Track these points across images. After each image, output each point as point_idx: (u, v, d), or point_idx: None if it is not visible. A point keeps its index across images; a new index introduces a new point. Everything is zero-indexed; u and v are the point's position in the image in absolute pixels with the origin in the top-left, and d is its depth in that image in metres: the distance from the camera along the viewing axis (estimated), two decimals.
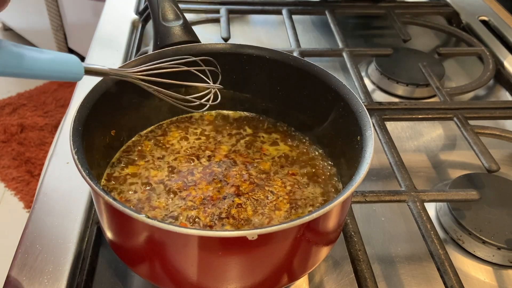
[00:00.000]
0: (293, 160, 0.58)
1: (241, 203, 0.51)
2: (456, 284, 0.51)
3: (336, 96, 0.54)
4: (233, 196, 0.51)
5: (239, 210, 0.50)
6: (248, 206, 0.51)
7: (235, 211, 0.50)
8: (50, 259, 0.52)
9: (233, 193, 0.52)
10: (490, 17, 1.06)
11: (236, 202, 0.51)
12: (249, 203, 0.51)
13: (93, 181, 0.41)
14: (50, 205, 0.58)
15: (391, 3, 1.09)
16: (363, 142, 0.48)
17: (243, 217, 0.50)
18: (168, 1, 0.62)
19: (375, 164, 0.72)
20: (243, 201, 0.51)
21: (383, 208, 0.65)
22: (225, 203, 0.50)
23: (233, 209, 0.50)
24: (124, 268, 0.54)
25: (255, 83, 0.60)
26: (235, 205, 0.50)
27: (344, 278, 0.56)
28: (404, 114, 0.76)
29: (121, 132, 0.57)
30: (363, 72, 0.93)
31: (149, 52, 0.58)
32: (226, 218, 0.49)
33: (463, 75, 0.95)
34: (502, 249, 0.58)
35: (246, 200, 0.51)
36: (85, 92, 0.49)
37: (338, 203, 0.41)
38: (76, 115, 0.47)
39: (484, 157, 0.67)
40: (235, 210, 0.50)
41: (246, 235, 0.38)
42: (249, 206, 0.51)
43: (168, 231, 0.38)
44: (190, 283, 0.44)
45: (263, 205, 0.51)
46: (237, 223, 0.49)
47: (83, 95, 0.49)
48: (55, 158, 0.64)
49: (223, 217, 0.49)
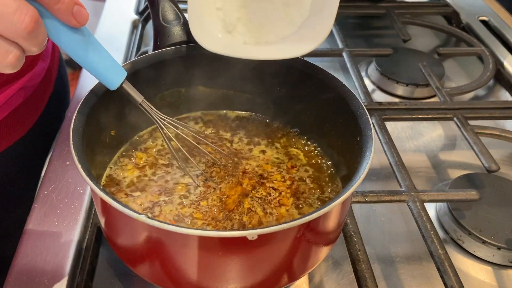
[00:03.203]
0: (293, 160, 0.58)
1: (250, 207, 0.51)
2: (456, 284, 0.51)
3: (336, 96, 0.54)
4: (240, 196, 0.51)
5: (250, 215, 0.50)
6: (257, 207, 0.51)
7: (246, 218, 0.50)
8: (50, 259, 0.52)
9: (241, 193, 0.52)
10: (490, 17, 1.06)
11: (246, 206, 0.51)
12: (256, 204, 0.51)
13: (93, 181, 0.41)
14: (50, 205, 0.58)
15: (391, 3, 1.09)
16: (363, 142, 0.48)
17: (255, 221, 0.50)
18: (168, 1, 0.62)
19: (375, 164, 0.72)
20: (251, 204, 0.51)
21: (383, 208, 0.65)
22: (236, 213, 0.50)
23: (244, 217, 0.50)
24: (124, 268, 0.54)
25: (255, 83, 0.60)
26: (246, 212, 0.50)
27: (344, 278, 0.56)
28: (404, 114, 0.76)
29: (121, 133, 0.57)
30: (363, 72, 0.93)
31: (149, 52, 0.58)
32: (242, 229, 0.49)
33: (463, 75, 0.95)
34: (502, 249, 0.58)
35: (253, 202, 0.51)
36: (85, 92, 0.49)
37: (338, 203, 0.41)
38: (76, 115, 0.47)
39: (484, 157, 0.67)
40: (247, 217, 0.50)
41: (246, 235, 0.37)
42: (257, 207, 0.51)
43: (168, 231, 0.38)
44: (190, 283, 0.44)
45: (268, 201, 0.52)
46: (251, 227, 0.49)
47: (83, 95, 0.49)
48: (55, 158, 0.64)
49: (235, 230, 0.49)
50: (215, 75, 0.60)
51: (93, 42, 0.43)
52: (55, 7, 0.36)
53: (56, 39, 0.40)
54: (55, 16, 0.37)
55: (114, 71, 0.46)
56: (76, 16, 0.38)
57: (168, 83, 0.59)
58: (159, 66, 0.56)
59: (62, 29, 0.39)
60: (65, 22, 0.38)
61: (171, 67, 0.57)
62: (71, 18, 0.37)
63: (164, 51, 0.57)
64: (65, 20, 0.38)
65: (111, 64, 0.45)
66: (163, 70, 0.57)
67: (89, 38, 0.42)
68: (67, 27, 0.39)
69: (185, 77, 0.59)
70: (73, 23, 0.38)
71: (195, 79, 0.60)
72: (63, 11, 0.37)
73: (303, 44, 0.53)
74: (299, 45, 0.53)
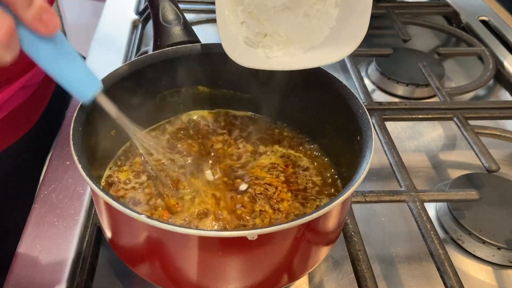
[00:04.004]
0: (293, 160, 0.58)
1: (260, 208, 0.51)
2: (456, 284, 0.51)
3: (336, 96, 0.54)
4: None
5: (262, 217, 0.50)
6: (265, 206, 0.51)
7: (259, 220, 0.50)
8: (50, 259, 0.52)
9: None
10: (490, 17, 1.06)
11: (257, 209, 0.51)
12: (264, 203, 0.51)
13: (93, 181, 0.41)
14: (50, 205, 0.58)
15: (391, 3, 1.09)
16: (363, 142, 0.48)
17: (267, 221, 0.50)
18: (168, 1, 0.62)
19: (375, 164, 0.72)
20: (260, 205, 0.51)
21: (383, 208, 0.65)
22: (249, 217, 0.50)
23: (258, 219, 0.50)
24: (124, 268, 0.54)
25: (255, 83, 0.60)
26: (259, 214, 0.50)
27: (344, 278, 0.56)
28: (404, 114, 0.76)
29: (121, 133, 0.57)
30: (363, 72, 0.93)
31: (149, 52, 0.58)
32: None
33: (463, 75, 0.95)
34: (502, 249, 0.58)
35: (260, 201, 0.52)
36: None
37: (338, 203, 0.41)
38: (76, 115, 0.47)
39: (484, 157, 0.67)
40: (259, 219, 0.50)
41: (246, 235, 0.37)
42: (266, 206, 0.51)
43: (168, 231, 0.38)
44: (190, 283, 0.44)
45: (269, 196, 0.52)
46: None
47: None
48: (55, 158, 0.64)
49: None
50: (215, 75, 0.60)
51: (67, 53, 0.40)
52: (24, 15, 0.34)
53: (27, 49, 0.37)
54: (24, 23, 0.35)
55: (88, 83, 0.42)
56: (45, 24, 0.36)
57: (168, 83, 0.59)
58: (159, 66, 0.56)
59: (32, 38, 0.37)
60: (34, 30, 0.36)
61: (171, 67, 0.57)
62: (39, 25, 0.36)
63: (164, 51, 0.57)
64: (34, 28, 0.36)
65: (85, 75, 0.42)
66: (163, 70, 0.57)
67: (63, 48, 0.39)
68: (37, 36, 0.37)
69: (185, 77, 0.59)
70: (41, 30, 0.36)
71: (195, 79, 0.60)
72: (31, 18, 0.35)
73: (332, 52, 0.52)
74: (328, 54, 0.52)
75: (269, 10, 0.53)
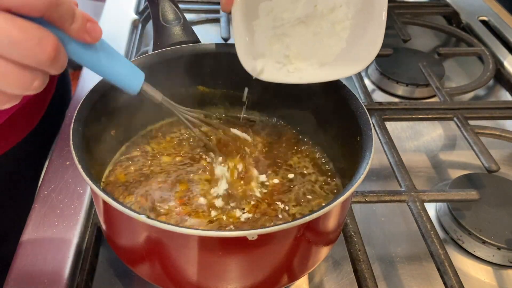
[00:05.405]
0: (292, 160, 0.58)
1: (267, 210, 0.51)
2: (456, 284, 0.51)
3: (336, 96, 0.54)
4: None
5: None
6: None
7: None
8: (50, 259, 0.52)
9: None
10: (490, 17, 1.06)
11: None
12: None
13: (93, 181, 0.41)
14: (50, 205, 0.58)
15: (391, 3, 1.08)
16: (363, 142, 0.48)
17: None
18: (168, 1, 0.62)
19: (375, 164, 0.72)
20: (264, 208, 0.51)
21: (383, 208, 0.65)
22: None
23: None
24: (124, 268, 0.54)
25: (255, 83, 0.60)
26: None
27: (344, 278, 0.56)
28: (404, 114, 0.76)
29: (121, 132, 0.57)
30: (363, 72, 0.93)
31: (149, 52, 0.58)
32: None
33: (463, 75, 0.95)
34: (502, 249, 0.58)
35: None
36: (85, 92, 0.49)
37: (338, 203, 0.41)
38: (76, 115, 0.47)
39: (484, 157, 0.67)
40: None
41: (246, 235, 0.37)
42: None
43: (168, 231, 0.38)
44: (190, 283, 0.44)
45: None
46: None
47: (83, 95, 0.49)
48: (55, 158, 0.64)
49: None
50: (215, 75, 0.60)
51: (110, 53, 0.42)
52: (69, 28, 0.37)
53: (75, 57, 0.40)
54: (71, 36, 0.38)
55: (133, 76, 0.45)
56: (90, 33, 0.38)
57: (168, 83, 0.59)
58: (159, 66, 0.56)
59: (80, 47, 0.39)
60: (80, 40, 0.38)
61: (171, 67, 0.57)
62: (85, 35, 0.38)
63: (164, 51, 0.57)
64: (81, 38, 0.38)
65: (130, 70, 0.45)
66: (163, 70, 0.57)
67: (106, 50, 0.42)
68: (84, 44, 0.39)
69: (185, 77, 0.59)
70: (88, 40, 0.39)
71: (195, 79, 0.60)
72: (77, 30, 0.37)
73: (344, 68, 0.53)
74: (340, 69, 0.53)
75: (284, 25, 0.53)
